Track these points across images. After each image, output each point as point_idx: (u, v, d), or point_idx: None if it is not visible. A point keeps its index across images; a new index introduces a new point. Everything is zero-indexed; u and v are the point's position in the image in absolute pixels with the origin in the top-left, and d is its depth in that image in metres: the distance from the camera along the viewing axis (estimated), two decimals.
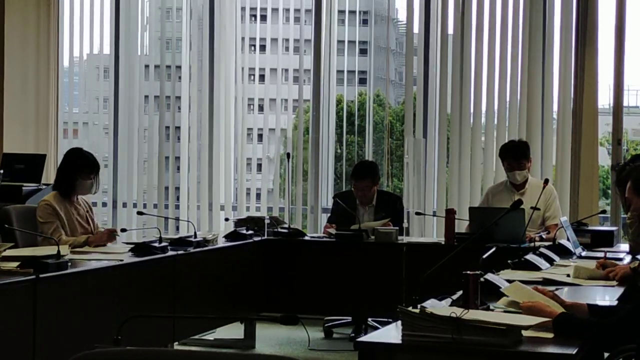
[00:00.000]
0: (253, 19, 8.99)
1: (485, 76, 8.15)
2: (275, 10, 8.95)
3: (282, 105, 8.91)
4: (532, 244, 6.01)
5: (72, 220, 5.83)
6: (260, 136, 9.07)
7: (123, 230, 6.68)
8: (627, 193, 4.03)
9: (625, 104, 8.06)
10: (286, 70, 8.84)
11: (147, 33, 9.29)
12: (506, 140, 7.99)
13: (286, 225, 7.17)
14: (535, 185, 6.94)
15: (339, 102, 9.41)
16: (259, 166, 9.17)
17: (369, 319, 7.12)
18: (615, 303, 3.99)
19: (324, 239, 7.06)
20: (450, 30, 8.23)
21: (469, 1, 8.13)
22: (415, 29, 8.44)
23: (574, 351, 3.05)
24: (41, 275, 4.50)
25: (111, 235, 5.88)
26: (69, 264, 4.82)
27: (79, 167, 5.80)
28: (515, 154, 6.98)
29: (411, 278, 6.40)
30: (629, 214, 4.32)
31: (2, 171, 7.36)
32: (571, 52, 7.89)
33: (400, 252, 6.72)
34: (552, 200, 6.95)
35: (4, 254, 4.83)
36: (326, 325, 7.34)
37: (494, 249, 4.16)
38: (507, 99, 8.12)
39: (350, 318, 7.32)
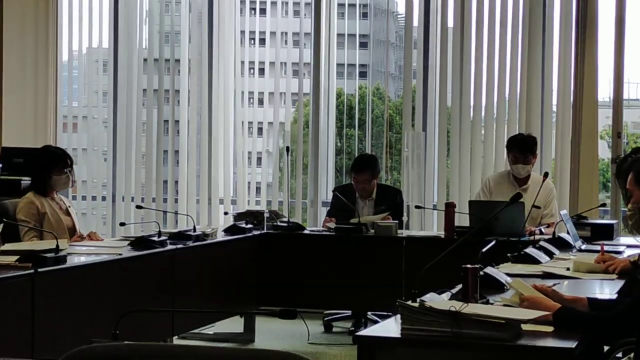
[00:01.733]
0: (252, 12, 8.97)
1: (485, 69, 8.14)
2: (274, 3, 8.94)
3: (281, 98, 8.90)
4: (532, 238, 5.99)
5: (56, 213, 5.85)
6: (259, 130, 9.06)
7: (122, 224, 6.70)
8: (629, 185, 4.03)
9: (625, 96, 8.06)
10: (286, 63, 8.82)
11: (146, 26, 9.26)
12: (506, 133, 8.01)
13: (285, 219, 7.16)
14: (537, 182, 6.82)
15: (339, 95, 9.39)
16: (259, 160, 9.17)
17: (369, 313, 7.12)
18: (614, 296, 3.99)
19: (324, 233, 7.05)
20: (450, 24, 8.22)
21: None
22: (415, 22, 8.42)
23: (573, 345, 3.04)
24: (39, 270, 4.49)
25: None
26: (68, 258, 4.81)
27: (51, 164, 5.82)
28: (521, 147, 6.93)
29: (411, 272, 6.38)
30: (629, 206, 4.32)
31: (1, 165, 7.36)
32: (571, 45, 7.88)
33: (400, 245, 6.72)
34: (552, 199, 6.92)
35: (3, 248, 4.83)
36: (326, 319, 7.34)
37: (493, 243, 4.16)
38: (507, 92, 8.10)
39: (349, 312, 7.31)
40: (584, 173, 7.78)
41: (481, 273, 3.67)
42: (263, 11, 9.03)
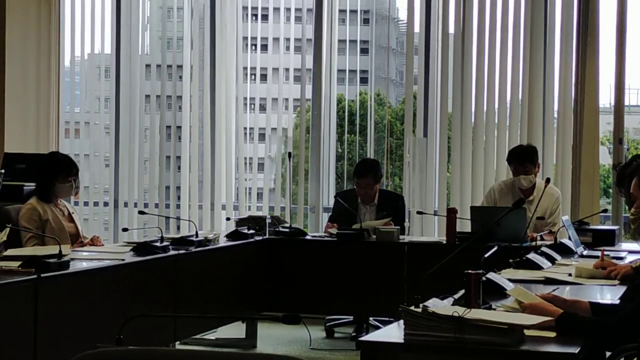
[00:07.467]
0: (254, 18, 8.99)
1: (486, 75, 8.15)
2: (276, 9, 8.95)
3: (283, 104, 8.91)
4: (534, 243, 6.00)
5: (59, 220, 5.85)
6: (261, 135, 9.07)
7: (124, 229, 6.70)
8: (633, 189, 4.05)
9: (626, 102, 8.06)
10: (287, 69, 8.84)
11: (148, 32, 9.29)
12: (507, 139, 8.02)
13: (287, 225, 7.17)
14: (544, 195, 6.62)
15: (340, 101, 9.41)
16: (260, 165, 9.18)
17: (371, 319, 7.12)
18: (617, 302, 3.99)
19: (325, 238, 7.06)
20: (451, 30, 8.23)
21: (470, 0, 8.13)
22: (416, 28, 8.44)
23: (576, 350, 3.05)
24: (43, 275, 4.50)
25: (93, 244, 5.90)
26: (70, 263, 4.82)
27: (55, 172, 5.83)
28: (520, 158, 6.90)
29: (413, 277, 6.40)
30: (632, 210, 4.34)
31: (3, 171, 7.36)
32: (572, 51, 7.89)
33: (402, 251, 6.72)
34: (556, 208, 6.90)
35: (5, 253, 4.84)
36: (327, 324, 7.34)
37: (495, 248, 4.16)
38: (508, 98, 8.11)
39: (351, 317, 7.32)
40: (585, 179, 7.79)
41: (483, 279, 3.67)
42: (265, 17, 9.05)
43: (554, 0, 7.99)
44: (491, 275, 4.04)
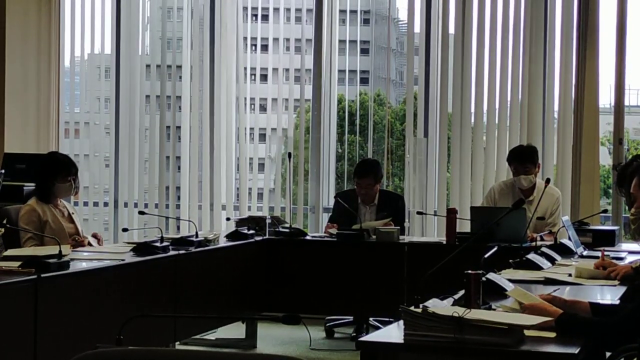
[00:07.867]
0: (254, 18, 8.99)
1: (486, 75, 8.15)
2: (276, 9, 8.95)
3: (283, 104, 8.91)
4: (534, 244, 6.00)
5: (58, 220, 5.85)
6: (261, 136, 9.07)
7: (124, 230, 6.70)
8: (633, 189, 4.05)
9: (626, 103, 8.06)
10: (287, 69, 8.84)
11: (148, 33, 9.29)
12: (507, 140, 8.02)
13: (287, 225, 7.17)
14: (544, 195, 6.62)
15: (340, 101, 9.41)
16: (261, 166, 9.18)
17: (371, 319, 7.12)
18: (617, 302, 3.99)
19: (325, 239, 7.06)
20: (452, 30, 8.23)
21: (470, 1, 8.13)
22: (417, 29, 8.44)
23: (576, 350, 3.05)
24: (42, 275, 4.50)
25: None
26: (70, 263, 4.82)
27: (55, 172, 5.83)
28: (520, 158, 6.90)
29: (413, 278, 6.40)
30: (632, 210, 4.35)
31: (3, 171, 7.36)
32: (572, 51, 7.89)
33: (402, 251, 6.72)
34: (556, 208, 6.90)
35: (5, 253, 4.84)
36: (327, 324, 7.34)
37: (495, 249, 4.16)
38: (508, 99, 8.11)
39: (351, 318, 7.32)
40: (585, 179, 7.79)
41: (483, 279, 3.67)
42: (265, 17, 9.04)
43: (554, 0, 7.99)
44: (491, 276, 4.04)
